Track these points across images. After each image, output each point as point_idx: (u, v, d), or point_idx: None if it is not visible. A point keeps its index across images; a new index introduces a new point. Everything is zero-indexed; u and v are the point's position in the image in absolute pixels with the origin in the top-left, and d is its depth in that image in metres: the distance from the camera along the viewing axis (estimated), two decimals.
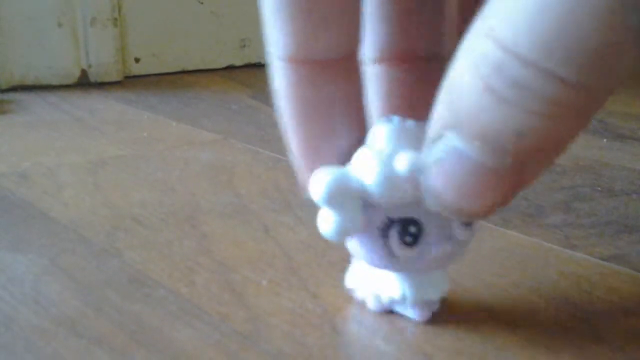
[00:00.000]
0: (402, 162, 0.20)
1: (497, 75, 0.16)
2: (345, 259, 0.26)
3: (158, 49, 0.73)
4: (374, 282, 0.24)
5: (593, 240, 0.31)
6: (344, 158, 0.22)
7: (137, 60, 0.72)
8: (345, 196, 0.21)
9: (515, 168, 0.17)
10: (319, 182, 0.21)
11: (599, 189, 0.38)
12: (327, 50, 0.21)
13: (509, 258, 0.29)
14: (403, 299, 0.23)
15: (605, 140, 0.49)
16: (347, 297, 0.25)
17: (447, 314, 0.24)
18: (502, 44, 0.16)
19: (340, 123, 0.22)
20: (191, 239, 0.31)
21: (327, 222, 0.21)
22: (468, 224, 0.22)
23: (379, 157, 0.21)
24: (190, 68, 0.75)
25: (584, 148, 0.46)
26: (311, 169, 0.22)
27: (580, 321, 0.24)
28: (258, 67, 0.76)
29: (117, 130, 0.51)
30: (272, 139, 0.48)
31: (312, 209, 0.22)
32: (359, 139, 0.22)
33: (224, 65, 0.76)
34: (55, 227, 0.32)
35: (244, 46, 0.76)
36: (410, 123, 0.21)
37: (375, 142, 0.21)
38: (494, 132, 0.17)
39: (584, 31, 0.15)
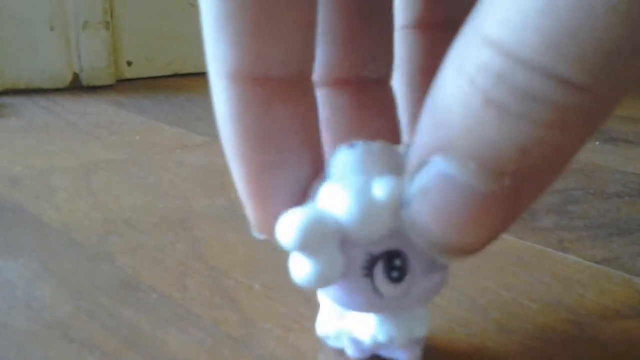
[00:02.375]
0: (381, 190, 0.18)
1: (500, 86, 0.14)
2: None
3: (150, 53, 0.73)
4: (351, 325, 0.21)
5: (586, 243, 0.31)
6: (301, 192, 0.19)
7: (129, 63, 0.72)
8: (322, 239, 0.18)
9: (514, 192, 0.15)
10: (289, 227, 0.18)
11: (592, 191, 0.38)
12: (281, 66, 0.18)
13: (502, 261, 0.29)
14: (390, 341, 0.21)
15: (597, 143, 0.49)
16: None
17: (440, 317, 0.24)
18: (503, 49, 0.14)
19: (296, 151, 0.19)
20: (183, 243, 0.31)
21: (303, 269, 0.18)
22: None
23: (351, 187, 0.18)
24: (183, 71, 0.75)
25: None
26: (264, 206, 0.19)
27: (572, 324, 0.24)
28: None
29: (109, 134, 0.51)
30: None
31: None
32: (316, 169, 0.19)
33: None
34: (47, 231, 0.32)
35: None
36: (375, 146, 0.19)
37: (340, 172, 0.19)
38: (494, 151, 0.15)
39: (600, 28, 0.13)
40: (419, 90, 0.22)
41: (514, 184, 0.15)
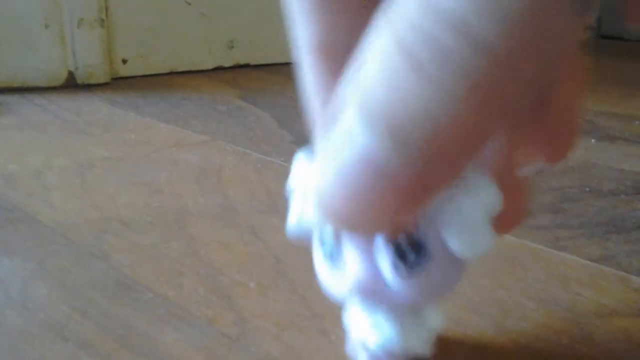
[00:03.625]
0: None
1: (424, 45, 0.14)
2: None
3: (145, 51, 0.73)
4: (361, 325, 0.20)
5: (582, 241, 0.31)
6: None
7: (124, 61, 0.72)
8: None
9: (423, 167, 0.15)
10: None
11: (588, 189, 0.38)
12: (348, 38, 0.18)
13: (498, 259, 0.29)
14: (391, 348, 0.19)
15: (593, 140, 0.49)
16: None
17: None
18: (431, 8, 0.14)
19: None
20: (179, 242, 0.31)
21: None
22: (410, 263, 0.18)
23: None
24: (178, 69, 0.74)
25: None
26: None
27: (569, 322, 0.24)
28: (246, 68, 0.76)
29: (104, 132, 0.51)
30: (261, 141, 0.48)
31: None
32: None
33: (212, 66, 0.76)
34: (42, 230, 0.32)
35: (232, 47, 0.76)
36: None
37: None
38: (405, 120, 0.14)
39: None
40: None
41: (424, 159, 0.15)
